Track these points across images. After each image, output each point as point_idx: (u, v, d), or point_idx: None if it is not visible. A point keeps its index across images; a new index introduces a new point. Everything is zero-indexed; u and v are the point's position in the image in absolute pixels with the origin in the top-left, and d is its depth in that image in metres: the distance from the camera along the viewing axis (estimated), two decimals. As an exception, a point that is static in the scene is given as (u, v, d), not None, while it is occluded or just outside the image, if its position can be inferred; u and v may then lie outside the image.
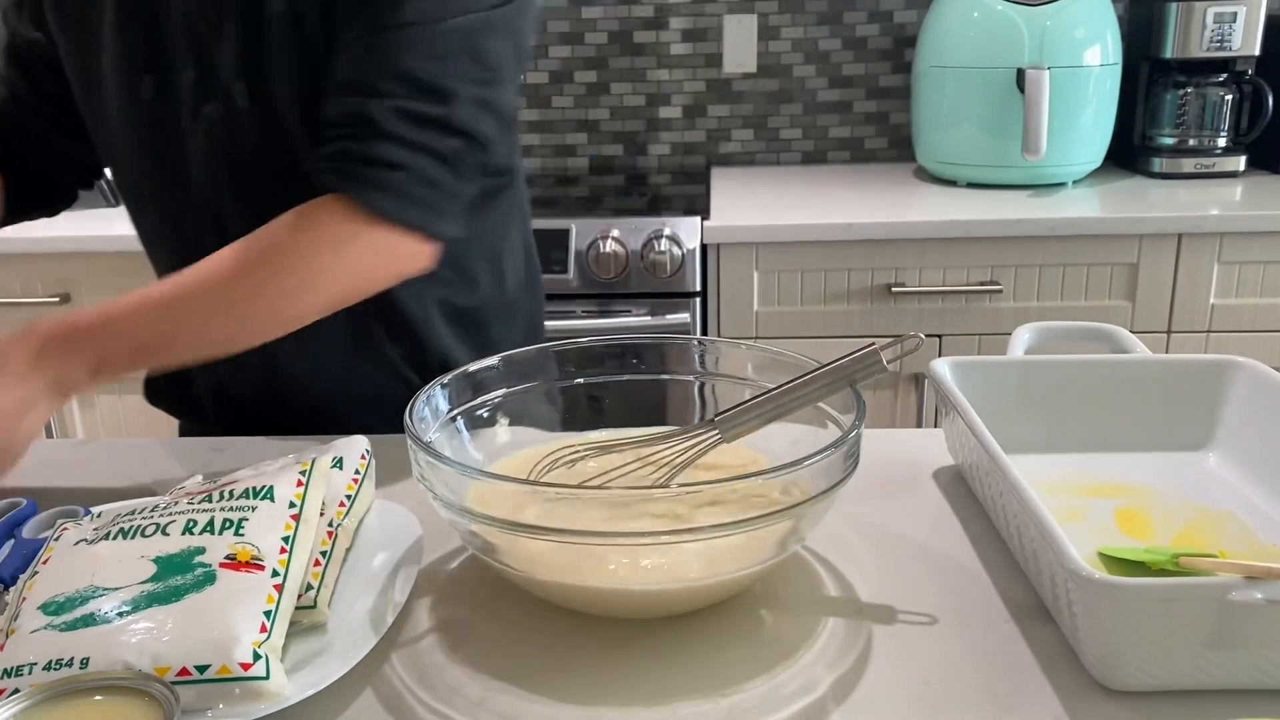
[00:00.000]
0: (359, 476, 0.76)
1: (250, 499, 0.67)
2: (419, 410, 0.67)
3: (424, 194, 0.81)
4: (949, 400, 0.80)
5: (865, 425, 0.65)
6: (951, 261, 1.85)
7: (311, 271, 0.80)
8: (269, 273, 0.79)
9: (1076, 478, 0.80)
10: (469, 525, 0.62)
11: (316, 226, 0.80)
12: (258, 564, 0.62)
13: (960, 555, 0.72)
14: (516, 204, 1.04)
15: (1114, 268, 1.85)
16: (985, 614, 0.65)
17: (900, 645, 0.62)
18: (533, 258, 1.09)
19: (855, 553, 0.72)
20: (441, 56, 0.80)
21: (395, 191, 0.80)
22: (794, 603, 0.67)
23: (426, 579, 0.71)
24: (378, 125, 0.79)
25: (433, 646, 0.64)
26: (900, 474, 0.84)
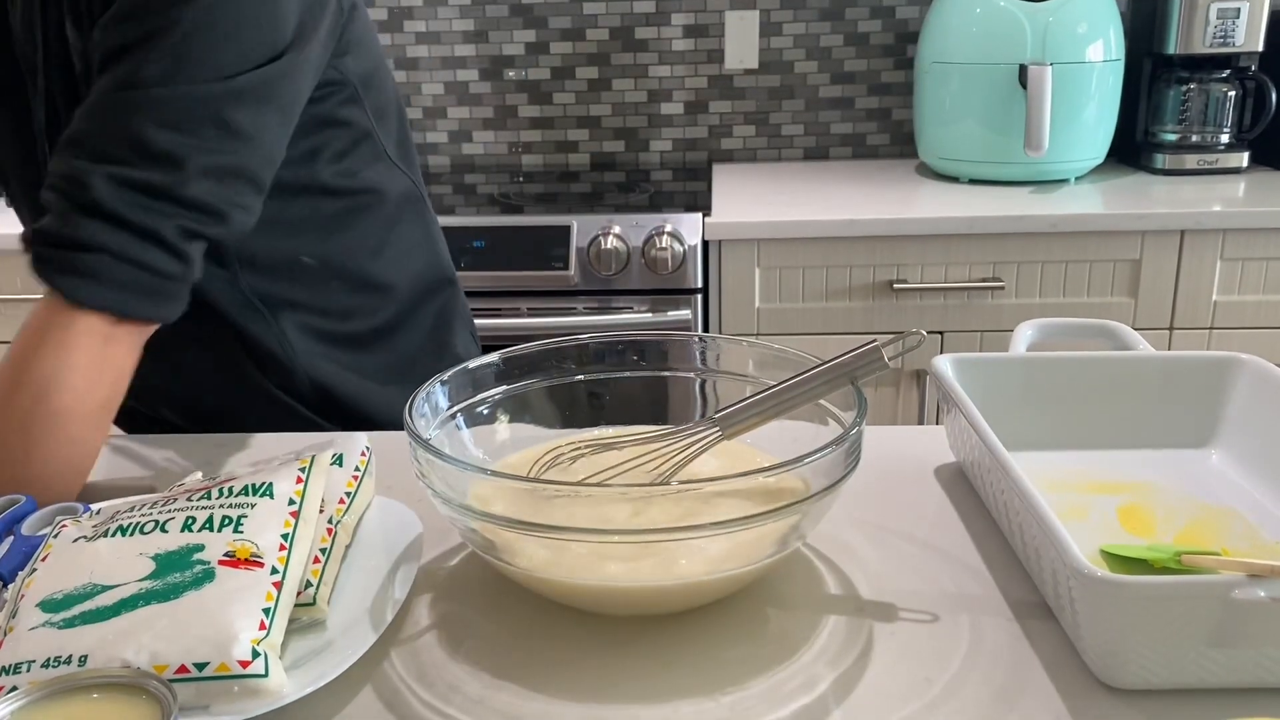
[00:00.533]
0: (359, 473, 0.76)
1: (249, 496, 0.66)
2: (419, 407, 0.67)
3: (130, 278, 0.75)
4: (950, 397, 0.80)
5: (866, 422, 0.65)
6: (953, 258, 1.84)
7: (39, 377, 0.74)
8: (4, 395, 0.75)
9: (1079, 475, 0.80)
10: (469, 523, 0.62)
11: (30, 329, 0.76)
12: (257, 561, 0.62)
13: (962, 553, 0.72)
14: (390, 219, 1.02)
15: (1116, 264, 1.84)
16: (987, 612, 0.65)
17: (901, 643, 0.62)
18: (437, 261, 1.10)
19: (856, 550, 0.72)
20: (176, 124, 0.75)
21: (94, 277, 0.74)
22: (795, 600, 0.67)
23: (426, 576, 0.70)
24: (90, 193, 0.73)
25: (432, 644, 0.64)
26: (901, 471, 0.84)
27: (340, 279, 0.99)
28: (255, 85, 0.78)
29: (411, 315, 1.06)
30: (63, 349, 0.75)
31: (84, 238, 0.74)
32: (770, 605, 0.66)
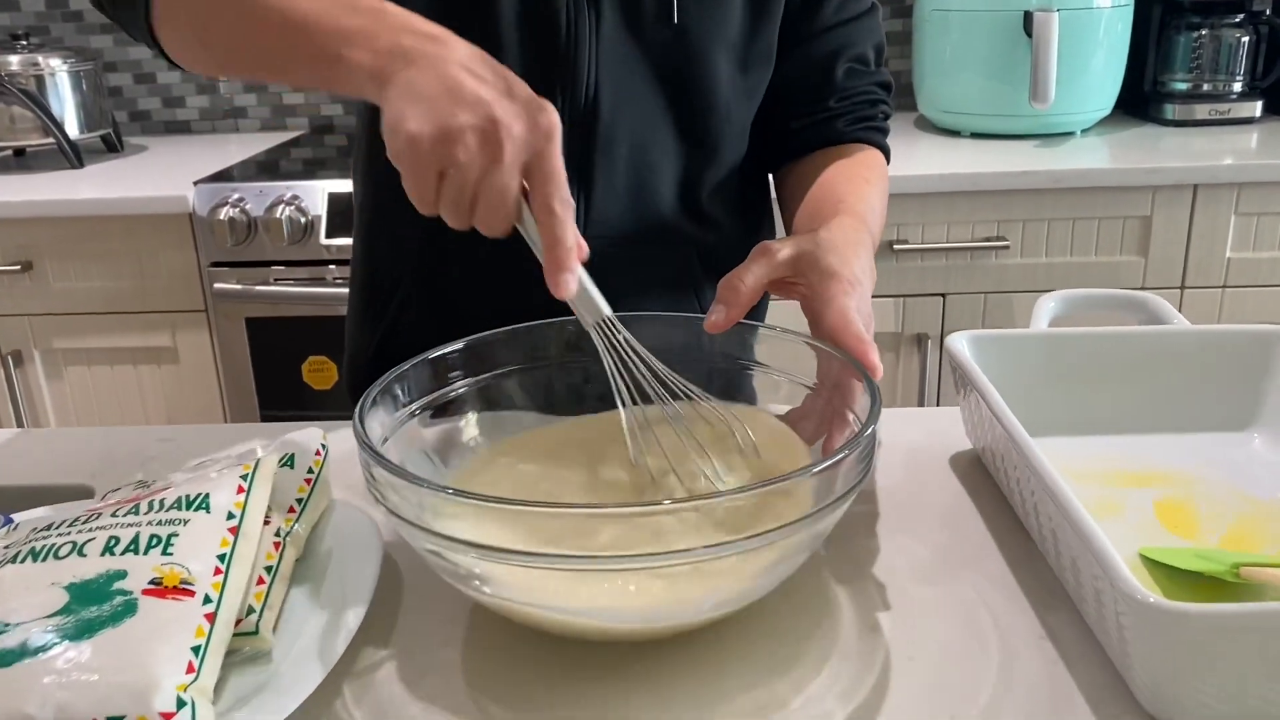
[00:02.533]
0: (312, 476, 0.68)
1: (182, 510, 0.59)
2: (369, 411, 0.59)
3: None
4: (968, 379, 0.72)
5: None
6: (955, 216, 1.76)
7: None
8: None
9: (1109, 463, 0.73)
10: (439, 551, 0.53)
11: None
12: (186, 589, 0.54)
13: (985, 559, 0.64)
14: None
15: (1126, 221, 1.76)
16: (1017, 630, 0.58)
17: (922, 671, 0.55)
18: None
19: (866, 556, 0.65)
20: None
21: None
22: (800, 619, 0.59)
23: (387, 596, 0.63)
24: (886, 95, 0.93)
25: (391, 677, 0.56)
26: (914, 460, 0.77)
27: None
28: None
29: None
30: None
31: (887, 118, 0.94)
32: (773, 625, 0.59)
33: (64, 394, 1.93)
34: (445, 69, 0.57)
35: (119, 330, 1.87)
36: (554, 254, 0.57)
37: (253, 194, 1.78)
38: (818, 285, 0.66)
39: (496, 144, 0.55)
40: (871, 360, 0.62)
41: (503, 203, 0.56)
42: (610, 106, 0.83)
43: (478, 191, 0.56)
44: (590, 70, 0.82)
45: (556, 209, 0.57)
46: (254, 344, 1.83)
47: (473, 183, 0.56)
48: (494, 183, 0.56)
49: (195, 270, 1.83)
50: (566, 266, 0.57)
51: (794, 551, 0.54)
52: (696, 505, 0.51)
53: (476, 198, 0.57)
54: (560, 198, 0.57)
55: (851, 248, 0.69)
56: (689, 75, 0.84)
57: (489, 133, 0.55)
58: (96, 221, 1.82)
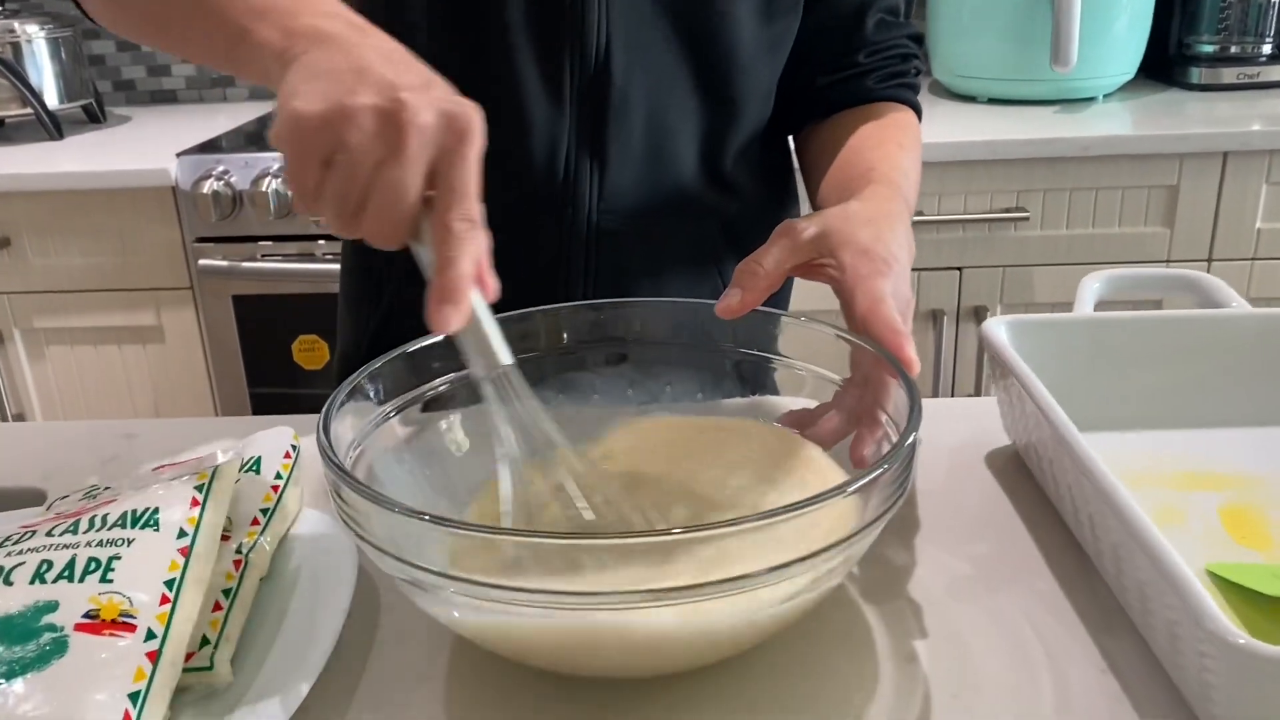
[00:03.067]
0: (280, 483, 0.61)
1: (126, 528, 0.52)
2: (337, 414, 0.52)
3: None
4: (1008, 368, 0.65)
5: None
6: (973, 186, 1.68)
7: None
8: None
9: (1165, 462, 0.66)
10: (418, 583, 0.46)
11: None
12: (126, 623, 0.47)
13: (1032, 574, 0.57)
14: None
15: (1151, 190, 1.68)
16: (1073, 660, 0.51)
17: (969, 713, 0.48)
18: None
19: (898, 573, 0.58)
20: None
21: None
22: (825, 650, 0.52)
23: (361, 621, 0.56)
24: (918, 50, 0.86)
25: (363, 718, 0.49)
26: (945, 458, 0.70)
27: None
28: None
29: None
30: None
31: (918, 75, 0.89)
32: (794, 657, 0.52)
33: (47, 375, 1.86)
34: (358, 52, 0.48)
35: (102, 309, 1.80)
36: (441, 280, 0.47)
37: (237, 166, 1.70)
38: (849, 265, 0.59)
39: (397, 129, 0.45)
40: (906, 354, 0.55)
41: (397, 205, 0.46)
42: (623, 65, 0.76)
43: (369, 187, 0.46)
44: (600, 25, 0.75)
45: (456, 227, 0.46)
46: (242, 323, 1.76)
47: (364, 174, 0.46)
48: (389, 178, 0.46)
49: (179, 246, 1.75)
50: (451, 298, 0.46)
51: (821, 581, 0.47)
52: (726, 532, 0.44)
53: (367, 195, 0.46)
54: (463, 214, 0.47)
55: (886, 220, 0.62)
56: (708, 27, 0.76)
57: (391, 115, 0.45)
58: (77, 195, 1.74)
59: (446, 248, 0.47)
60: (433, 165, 0.47)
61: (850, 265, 0.59)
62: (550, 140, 0.78)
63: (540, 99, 0.76)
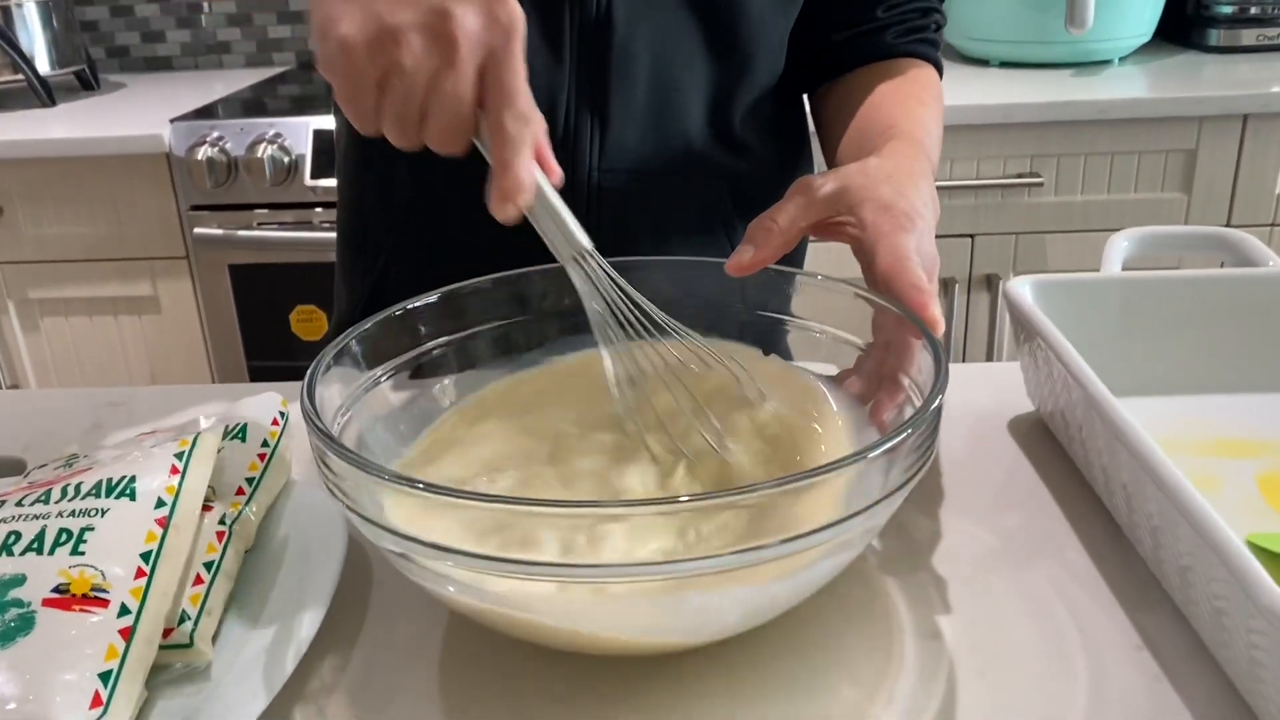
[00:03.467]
0: (267, 451, 0.58)
1: (101, 497, 0.49)
2: (323, 378, 0.48)
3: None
4: (1034, 330, 0.61)
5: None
6: (986, 151, 1.64)
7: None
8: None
9: (1201, 429, 0.62)
10: (410, 555, 0.43)
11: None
12: (99, 598, 0.44)
13: (1062, 546, 0.54)
14: None
15: (1169, 155, 1.64)
16: (1108, 637, 0.48)
17: (996, 690, 0.45)
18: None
19: (921, 545, 0.55)
20: None
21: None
22: (844, 625, 0.49)
23: (351, 596, 0.53)
24: (939, 3, 0.82)
25: (353, 699, 0.47)
26: (968, 425, 0.66)
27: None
28: None
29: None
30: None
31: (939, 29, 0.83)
32: (812, 633, 0.49)
33: (41, 347, 1.83)
34: None
35: (97, 279, 1.77)
36: (500, 183, 0.48)
37: (232, 132, 1.66)
38: (869, 221, 0.55)
39: (448, 42, 0.46)
40: (930, 313, 0.51)
41: (456, 114, 0.47)
42: (626, 15, 0.72)
43: (427, 102, 0.47)
44: None
45: (509, 127, 0.47)
46: (238, 293, 1.73)
47: (421, 92, 0.47)
48: (446, 90, 0.47)
49: (174, 214, 1.72)
50: (511, 198, 0.48)
51: (837, 552, 0.44)
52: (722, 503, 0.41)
53: (426, 110, 0.47)
54: (515, 112, 0.47)
55: (908, 176, 0.59)
56: None
57: (438, 30, 0.46)
58: (69, 163, 1.71)
59: (502, 151, 0.47)
60: (482, 66, 0.47)
61: (871, 222, 0.55)
62: (548, 94, 0.75)
63: (537, 49, 0.73)
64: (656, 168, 0.78)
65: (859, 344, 0.55)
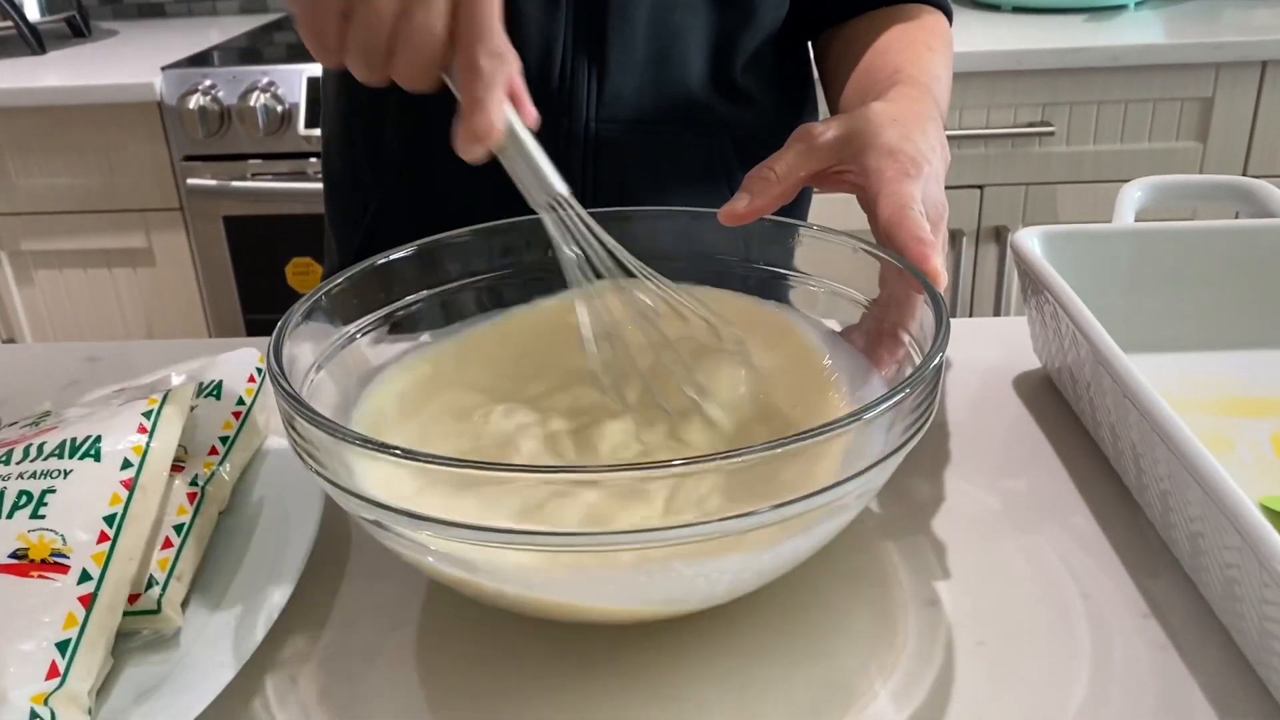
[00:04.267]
0: (242, 409, 0.56)
1: (64, 458, 0.47)
2: (291, 341, 0.46)
3: None
4: (1041, 283, 0.59)
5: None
6: (996, 100, 1.60)
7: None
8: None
9: (1214, 388, 0.60)
10: (383, 523, 0.41)
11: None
12: (58, 564, 0.42)
13: (1067, 510, 0.52)
14: None
15: (1184, 103, 1.60)
16: (1113, 605, 0.46)
17: (996, 661, 0.43)
18: None
19: (920, 508, 0.53)
20: None
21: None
22: (841, 592, 0.47)
23: (327, 561, 0.51)
24: None
25: (327, 667, 0.45)
26: (970, 383, 0.64)
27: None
28: None
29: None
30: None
31: None
32: (804, 600, 0.47)
33: (36, 300, 1.81)
34: None
35: (90, 230, 1.75)
36: (469, 121, 0.45)
37: (225, 80, 1.63)
38: (873, 168, 0.52)
39: None
40: (930, 266, 0.49)
41: (425, 48, 0.44)
42: None
43: (395, 34, 0.44)
44: None
45: (481, 62, 0.44)
46: (233, 245, 1.71)
47: (389, 22, 0.44)
48: (416, 22, 0.44)
49: (167, 164, 1.69)
50: (480, 138, 0.45)
51: (833, 517, 0.42)
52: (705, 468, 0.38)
53: (394, 43, 0.45)
54: (488, 48, 0.44)
55: (914, 120, 0.56)
56: None
57: None
58: (60, 112, 1.67)
59: (474, 87, 0.45)
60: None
61: (874, 168, 0.53)
62: (544, 41, 0.71)
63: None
64: (656, 117, 0.75)
65: (862, 300, 0.53)
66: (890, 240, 0.50)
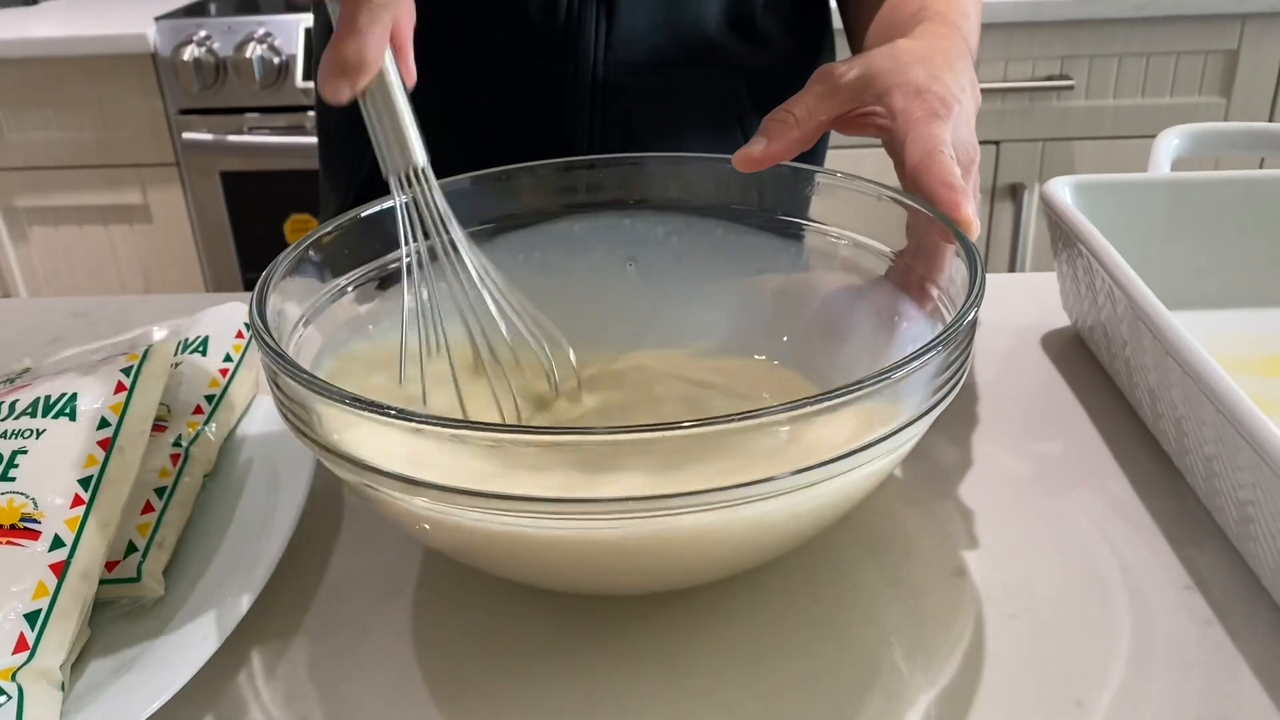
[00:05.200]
0: (230, 366, 0.53)
1: (37, 417, 0.44)
2: (276, 295, 0.43)
3: None
4: (1075, 235, 0.56)
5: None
6: (1013, 52, 1.55)
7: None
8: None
9: (1252, 345, 0.57)
10: (370, 485, 0.38)
11: None
12: (28, 530, 0.40)
13: (1102, 475, 0.49)
14: None
15: (1208, 56, 1.55)
16: (1153, 576, 0.43)
17: (1028, 635, 0.41)
18: None
19: (945, 473, 0.50)
20: None
21: None
22: (862, 561, 0.45)
23: (318, 526, 0.49)
24: None
25: (316, 640, 0.42)
26: (997, 342, 0.61)
27: None
28: None
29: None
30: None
31: None
32: (824, 571, 0.44)
33: (31, 257, 1.78)
34: None
35: (85, 186, 1.71)
36: (340, 50, 0.41)
37: (220, 31, 1.59)
38: (899, 109, 0.49)
39: None
40: (962, 213, 0.45)
41: None
42: None
43: None
44: None
45: None
46: (231, 201, 1.67)
47: None
48: None
49: (163, 118, 1.65)
50: (350, 71, 0.41)
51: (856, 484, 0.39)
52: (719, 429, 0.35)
53: None
54: None
55: (942, 58, 0.52)
56: None
57: None
58: (52, 64, 1.63)
59: (354, 14, 0.40)
60: None
61: (901, 109, 0.49)
62: None
63: None
64: (668, 61, 0.71)
65: (887, 252, 0.50)
66: (918, 186, 0.47)
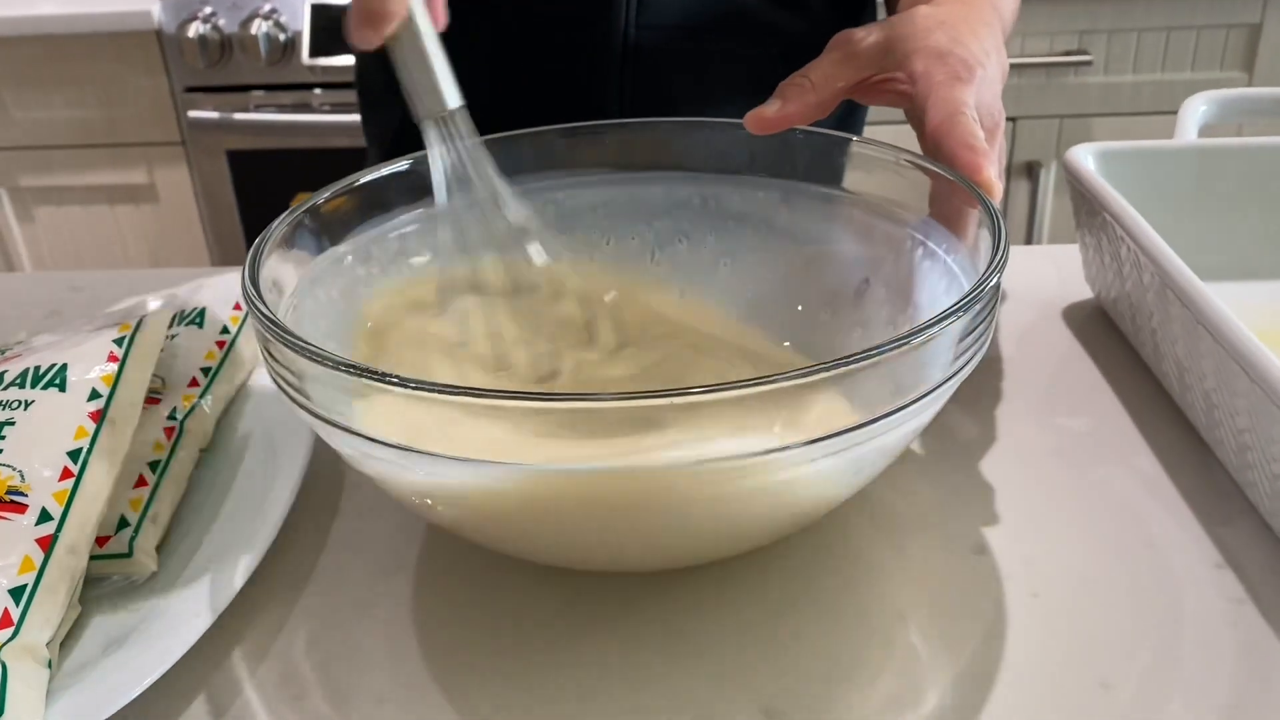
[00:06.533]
0: (227, 338, 0.52)
1: (26, 388, 0.43)
2: (273, 260, 0.41)
3: None
4: (1100, 204, 0.54)
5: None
6: (1031, 26, 1.52)
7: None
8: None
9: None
10: (375, 456, 0.36)
11: None
12: (15, 503, 0.38)
13: (1129, 451, 0.48)
14: None
15: (1230, 30, 1.52)
16: (1183, 554, 0.41)
17: (1052, 615, 0.39)
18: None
19: (965, 448, 0.48)
20: None
21: None
22: (877, 538, 0.43)
23: (317, 500, 0.47)
24: None
25: (313, 617, 0.41)
26: (1018, 314, 0.59)
27: None
28: None
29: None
30: None
31: None
32: (838, 548, 0.43)
33: (37, 237, 1.77)
34: None
35: (90, 166, 1.70)
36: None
37: (225, 7, 1.57)
38: (919, 73, 0.47)
39: None
40: (984, 176, 0.44)
41: None
42: None
43: None
44: None
45: None
46: (238, 180, 1.66)
47: None
48: None
49: (168, 96, 1.63)
50: (376, 20, 0.40)
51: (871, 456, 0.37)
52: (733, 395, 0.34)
53: None
54: None
55: (965, 23, 0.50)
56: None
57: None
58: (56, 42, 1.62)
59: None
60: None
61: (923, 73, 0.47)
62: None
63: None
64: (702, 24, 0.69)
65: (906, 216, 0.48)
66: (939, 149, 0.45)
